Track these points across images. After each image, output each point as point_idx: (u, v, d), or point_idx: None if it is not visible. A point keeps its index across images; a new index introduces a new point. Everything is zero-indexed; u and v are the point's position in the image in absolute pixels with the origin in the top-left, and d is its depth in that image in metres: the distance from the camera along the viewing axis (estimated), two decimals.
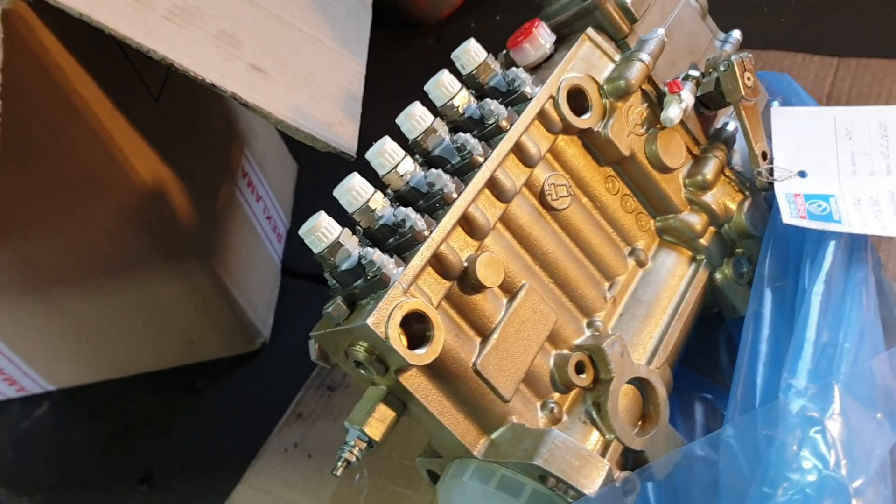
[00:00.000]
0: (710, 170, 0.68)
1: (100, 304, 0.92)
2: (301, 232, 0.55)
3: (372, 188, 0.57)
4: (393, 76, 0.99)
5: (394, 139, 0.60)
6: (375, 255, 0.54)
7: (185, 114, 0.90)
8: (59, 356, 1.01)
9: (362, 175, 0.57)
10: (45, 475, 1.00)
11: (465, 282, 0.57)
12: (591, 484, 0.53)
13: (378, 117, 0.81)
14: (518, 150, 0.62)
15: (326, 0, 0.87)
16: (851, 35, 1.05)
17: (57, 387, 1.06)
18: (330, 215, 0.56)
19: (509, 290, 0.60)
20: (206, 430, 0.97)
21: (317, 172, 1.22)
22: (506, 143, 0.60)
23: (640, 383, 0.62)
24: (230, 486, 0.86)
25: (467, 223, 0.58)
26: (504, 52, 0.70)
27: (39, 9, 0.66)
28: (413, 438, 0.81)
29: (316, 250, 0.55)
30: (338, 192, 0.57)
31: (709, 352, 0.75)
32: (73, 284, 0.89)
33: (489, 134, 0.62)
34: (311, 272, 1.11)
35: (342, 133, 0.78)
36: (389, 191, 0.60)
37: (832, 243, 0.63)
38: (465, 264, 0.57)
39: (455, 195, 0.58)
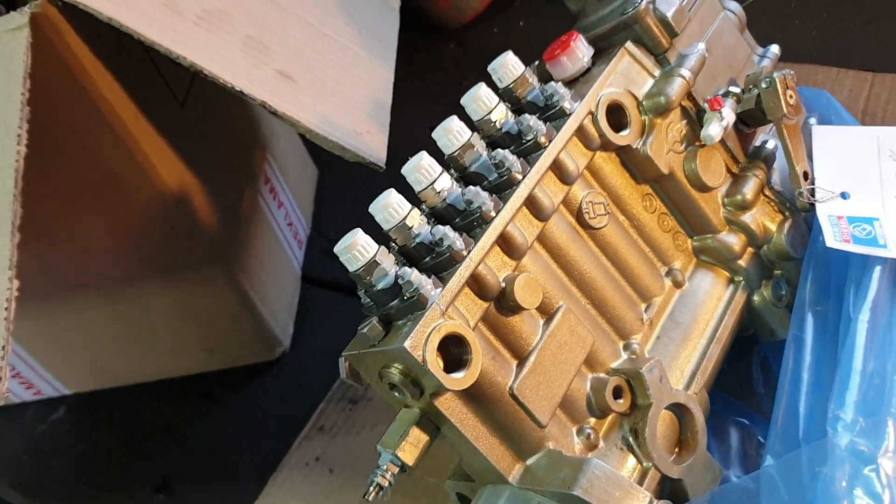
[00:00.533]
0: (749, 189, 0.67)
1: (120, 310, 0.90)
2: (337, 249, 0.53)
3: (409, 205, 0.55)
4: (414, 80, 0.98)
5: (429, 153, 0.58)
6: (413, 275, 0.52)
7: (210, 119, 0.88)
8: (77, 361, 1.00)
9: (392, 186, 0.56)
10: (60, 481, 0.99)
11: (503, 303, 0.56)
12: None
13: (401, 122, 0.80)
14: (556, 168, 0.60)
15: (354, 5, 0.85)
16: (886, 48, 1.03)
17: (74, 391, 1.05)
18: (350, 222, 0.54)
19: (546, 311, 0.59)
20: (224, 440, 0.96)
21: (337, 178, 1.20)
22: (545, 160, 0.59)
23: (678, 409, 0.60)
24: (248, 497, 0.85)
25: (505, 242, 0.57)
26: (537, 63, 0.68)
27: (68, 13, 0.65)
28: (437, 455, 0.79)
29: (352, 269, 0.53)
30: (374, 209, 0.55)
31: (742, 374, 0.73)
32: (94, 290, 0.88)
33: (527, 150, 0.60)
34: (331, 280, 1.10)
35: (370, 142, 0.76)
36: (424, 207, 0.58)
37: (878, 269, 0.61)
38: (503, 285, 0.56)
39: (493, 213, 0.56)
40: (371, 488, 0.53)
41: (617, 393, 0.59)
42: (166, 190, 0.79)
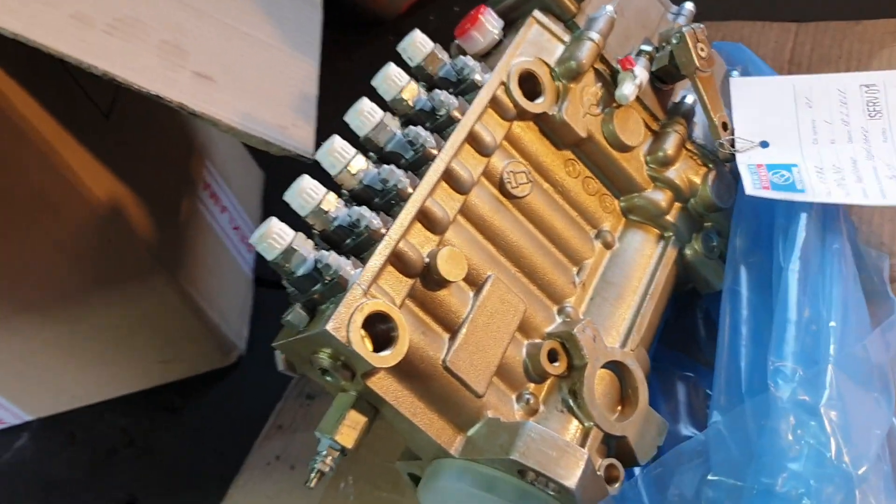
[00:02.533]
0: (670, 145, 0.67)
1: (67, 330, 0.90)
2: (252, 240, 0.53)
3: (324, 189, 0.55)
4: (357, 77, 0.98)
5: (345, 138, 0.58)
6: (331, 257, 0.52)
7: (139, 129, 0.88)
8: (33, 386, 0.99)
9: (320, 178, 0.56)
10: None
11: (428, 278, 0.56)
12: (571, 475, 0.52)
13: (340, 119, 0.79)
14: (472, 140, 0.60)
15: (273, 3, 0.85)
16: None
17: (35, 416, 1.04)
18: (300, 223, 0.54)
19: (475, 282, 0.59)
20: (187, 449, 0.96)
21: (284, 180, 1.20)
22: (459, 133, 0.59)
23: (616, 367, 0.61)
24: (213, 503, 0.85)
25: (426, 218, 0.57)
26: (454, 42, 0.69)
27: None
28: (398, 441, 0.80)
29: (269, 258, 0.53)
30: (288, 196, 0.55)
31: (687, 329, 0.74)
32: (37, 312, 0.87)
33: (441, 125, 0.60)
34: None
35: (297, 135, 0.76)
36: (344, 191, 0.58)
37: (804, 216, 0.62)
38: (427, 260, 0.56)
39: (410, 190, 0.56)
40: (312, 475, 0.53)
41: (552, 356, 0.59)
42: (97, 203, 0.79)
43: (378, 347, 0.52)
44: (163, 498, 0.91)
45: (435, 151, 0.58)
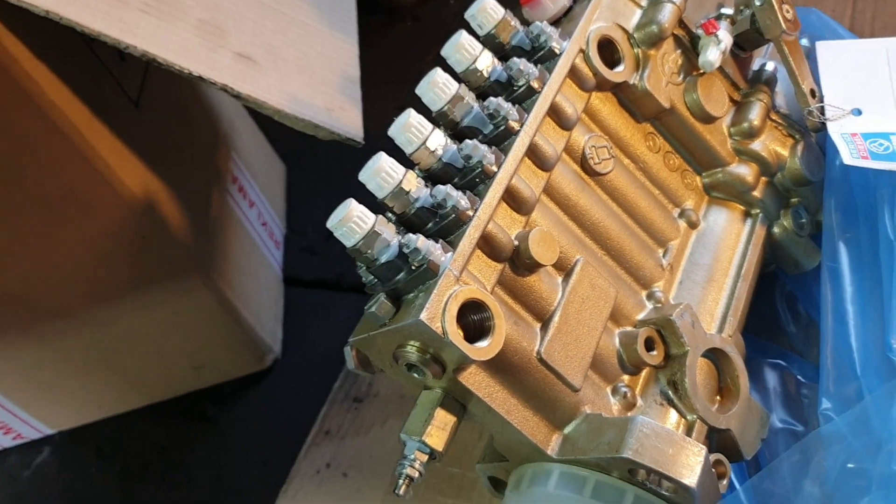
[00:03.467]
0: (755, 115, 0.63)
1: (98, 336, 0.84)
2: (330, 224, 0.48)
3: (403, 168, 0.50)
4: (377, 63, 0.93)
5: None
6: (420, 241, 0.47)
7: (168, 118, 0.82)
8: (57, 397, 0.93)
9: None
10: None
11: (518, 262, 0.51)
12: (691, 473, 0.47)
13: (369, 107, 0.74)
14: (554, 112, 0.56)
15: None
16: None
17: (57, 430, 0.98)
18: (326, 218, 0.49)
19: (563, 267, 0.54)
20: (224, 460, 0.90)
21: (307, 173, 1.15)
22: (542, 105, 0.54)
23: (714, 355, 0.56)
24: None
25: (512, 197, 0.52)
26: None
27: (0, 11, 0.59)
28: (457, 443, 0.75)
29: (349, 243, 0.48)
30: (364, 176, 0.50)
31: (768, 315, 0.69)
32: (66, 317, 0.81)
33: (520, 97, 0.55)
34: (314, 279, 1.04)
35: (344, 119, 0.71)
36: (418, 170, 0.53)
37: None
38: (516, 243, 0.51)
39: (495, 167, 0.51)
40: (401, 481, 0.48)
41: (649, 345, 0.54)
42: (132, 198, 0.74)
43: (469, 339, 0.47)
44: None
45: (517, 125, 0.53)
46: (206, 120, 0.92)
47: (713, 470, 0.50)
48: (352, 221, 0.47)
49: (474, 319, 0.48)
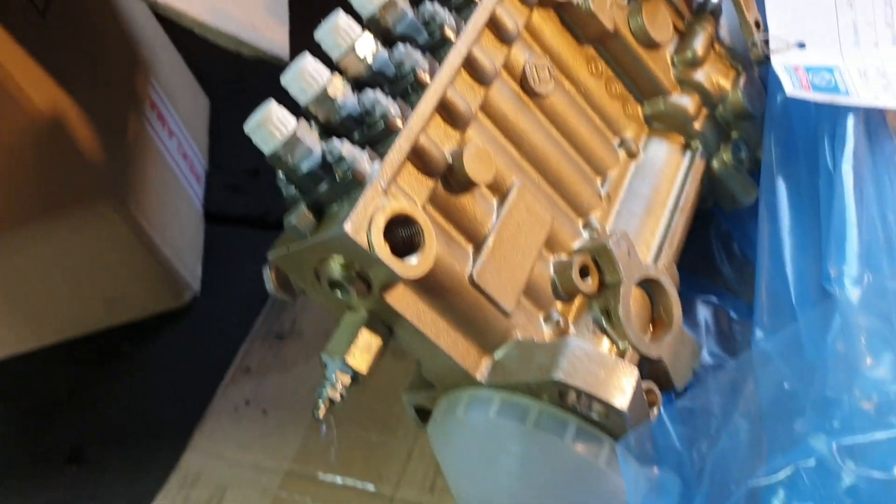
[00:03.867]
0: (699, 43, 0.61)
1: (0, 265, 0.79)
2: (247, 128, 0.45)
3: (328, 71, 0.47)
4: None
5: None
6: (345, 148, 0.44)
7: (80, 31, 0.77)
8: None
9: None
10: None
11: (451, 180, 0.48)
12: (623, 395, 0.45)
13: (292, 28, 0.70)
14: (493, 25, 0.53)
15: None
16: None
17: None
18: (251, 155, 0.45)
19: (498, 189, 0.52)
20: (138, 399, 0.86)
21: (231, 109, 1.09)
22: (481, 14, 0.51)
23: (648, 285, 0.55)
24: (173, 454, 0.76)
25: (446, 110, 0.49)
26: None
27: None
28: (381, 380, 0.72)
29: (267, 150, 0.45)
30: (287, 80, 0.46)
31: (702, 253, 0.68)
32: None
33: (458, 6, 0.52)
34: (237, 215, 1.00)
35: (270, 35, 0.67)
36: (347, 77, 0.50)
37: (851, 117, 0.56)
38: (450, 159, 0.48)
39: (428, 77, 0.48)
40: (321, 402, 0.46)
41: (584, 272, 0.53)
42: (38, 114, 0.68)
43: (396, 256, 0.44)
44: (114, 451, 0.81)
45: (453, 35, 0.50)
46: (123, 41, 0.86)
47: (644, 396, 0.49)
48: (271, 124, 0.44)
49: (403, 235, 0.45)
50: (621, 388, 0.45)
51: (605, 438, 0.46)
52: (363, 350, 0.46)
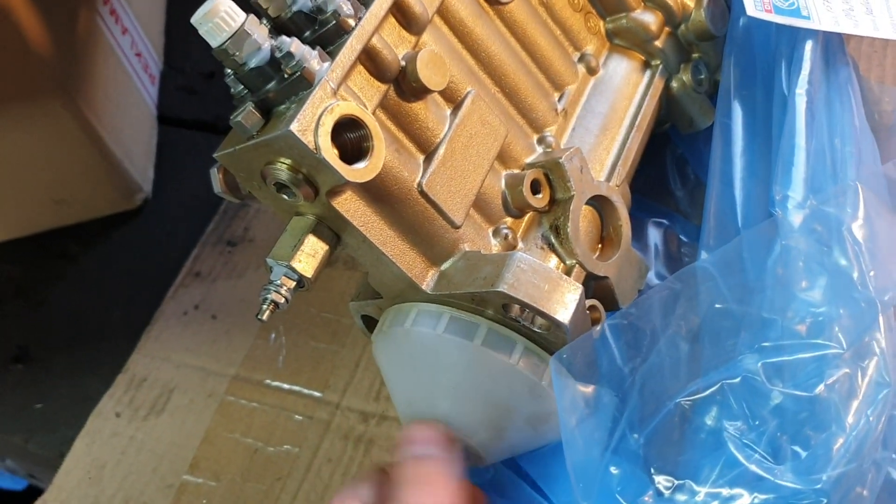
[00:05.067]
0: None
1: None
2: (194, 19, 0.43)
3: None
4: None
5: None
6: (294, 45, 0.43)
7: None
8: None
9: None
10: None
11: (403, 86, 0.47)
12: (565, 310, 0.45)
13: None
14: None
15: None
16: None
17: None
18: (208, 56, 0.44)
19: (453, 98, 0.51)
20: (86, 300, 0.85)
21: (188, 6, 1.06)
22: None
23: (599, 203, 0.55)
24: (121, 355, 0.76)
25: (401, 12, 0.48)
26: None
27: None
28: (333, 290, 0.73)
29: (214, 43, 0.43)
30: None
31: (656, 175, 0.68)
32: None
33: None
34: (191, 119, 0.98)
35: None
36: None
37: (809, 42, 0.56)
38: (403, 63, 0.47)
39: None
40: (265, 306, 0.45)
41: (535, 187, 0.52)
42: None
43: (344, 161, 0.43)
44: (60, 351, 0.81)
45: None
46: None
47: (587, 313, 0.49)
48: (218, 17, 0.42)
49: (350, 138, 0.44)
50: (564, 302, 0.46)
51: (549, 359, 0.47)
52: (309, 255, 0.46)
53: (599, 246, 0.55)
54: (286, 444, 0.66)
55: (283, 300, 0.46)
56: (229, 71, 0.45)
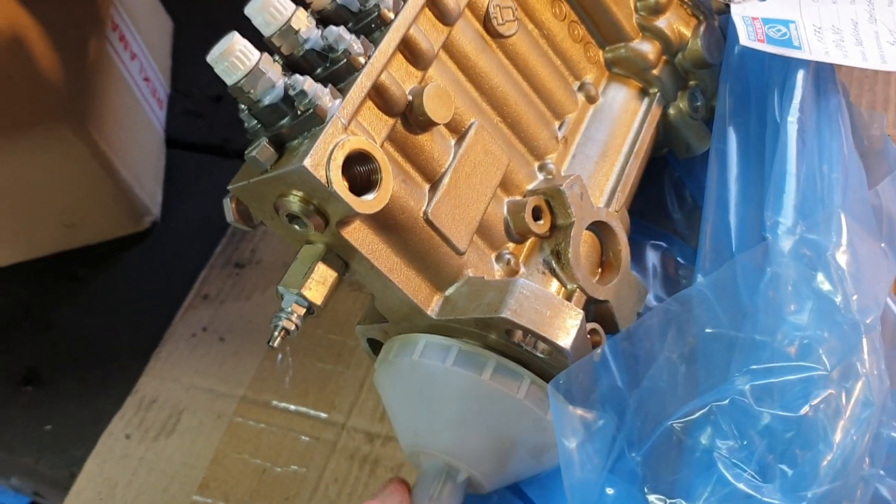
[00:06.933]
0: None
1: None
2: (210, 58, 0.45)
3: (293, 5, 0.47)
4: None
5: None
6: (307, 84, 0.44)
7: None
8: None
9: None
10: None
11: (410, 119, 0.49)
12: (567, 335, 0.47)
13: None
14: None
15: None
16: None
17: None
18: (214, 80, 0.45)
19: (457, 129, 0.52)
20: (95, 322, 0.87)
21: (196, 31, 1.08)
22: None
23: (599, 228, 0.56)
24: (130, 376, 0.77)
25: (408, 48, 0.49)
26: None
27: None
28: (339, 311, 0.74)
29: (230, 81, 0.45)
30: (251, 10, 0.46)
31: (654, 198, 0.70)
32: None
33: None
34: (199, 142, 1.00)
35: None
36: (311, 12, 0.50)
37: (801, 72, 0.58)
38: (410, 97, 0.49)
39: (392, 14, 0.49)
40: (276, 333, 0.47)
41: (536, 214, 0.54)
42: None
43: (354, 192, 0.45)
44: (67, 373, 0.82)
45: None
46: None
47: (588, 337, 0.51)
48: (234, 56, 0.44)
49: (360, 171, 0.46)
50: (566, 328, 0.47)
51: None
52: (319, 283, 0.47)
53: (599, 270, 0.57)
54: (293, 465, 0.68)
55: (293, 327, 0.47)
56: (243, 106, 0.47)
